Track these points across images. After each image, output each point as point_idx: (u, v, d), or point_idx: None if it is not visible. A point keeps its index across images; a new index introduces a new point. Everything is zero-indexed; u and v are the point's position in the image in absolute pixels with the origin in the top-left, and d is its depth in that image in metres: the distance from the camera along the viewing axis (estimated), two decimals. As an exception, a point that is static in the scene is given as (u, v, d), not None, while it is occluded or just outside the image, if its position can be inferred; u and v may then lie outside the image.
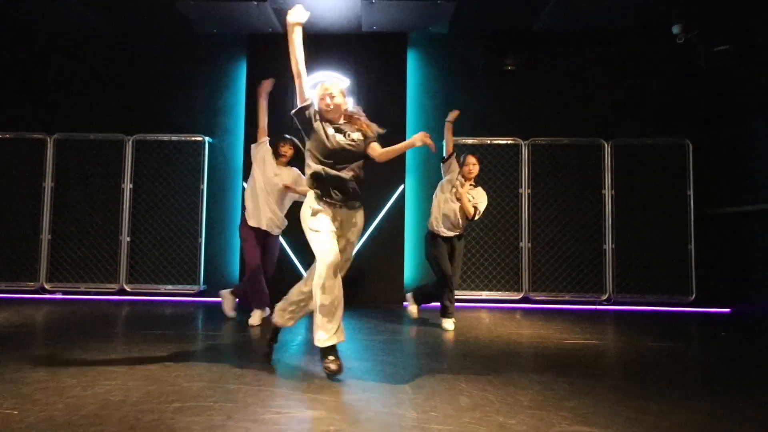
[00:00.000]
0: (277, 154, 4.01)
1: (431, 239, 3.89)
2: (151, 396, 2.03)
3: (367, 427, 1.75)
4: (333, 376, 2.35)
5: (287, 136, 4.08)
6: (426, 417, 1.85)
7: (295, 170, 4.03)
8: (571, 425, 1.79)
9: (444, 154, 4.03)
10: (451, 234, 3.85)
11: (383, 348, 3.09)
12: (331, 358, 2.38)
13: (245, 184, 5.31)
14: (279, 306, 2.68)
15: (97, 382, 2.21)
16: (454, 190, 3.83)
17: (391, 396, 2.11)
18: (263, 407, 1.93)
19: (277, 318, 2.67)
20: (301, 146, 3.89)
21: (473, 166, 3.91)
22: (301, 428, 1.72)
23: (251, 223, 3.94)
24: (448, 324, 3.80)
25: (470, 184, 3.91)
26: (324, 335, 2.39)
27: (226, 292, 4.24)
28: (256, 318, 3.91)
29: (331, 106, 2.60)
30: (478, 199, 3.88)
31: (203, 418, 1.80)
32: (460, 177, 3.89)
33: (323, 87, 2.66)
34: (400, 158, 5.34)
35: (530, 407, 1.98)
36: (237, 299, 4.29)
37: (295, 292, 2.63)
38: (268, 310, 3.95)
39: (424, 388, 2.24)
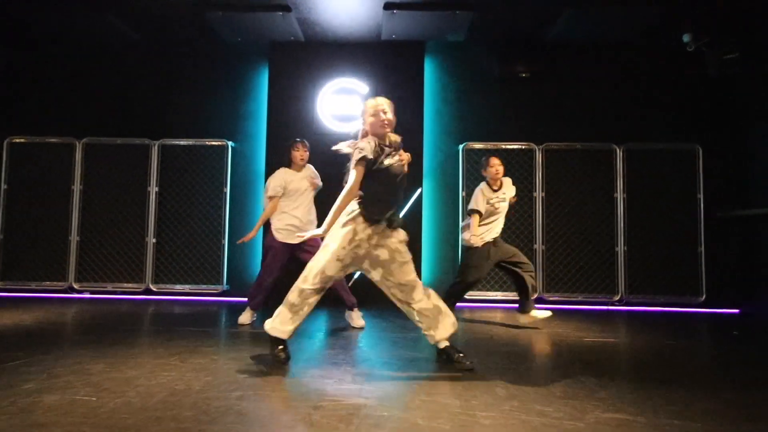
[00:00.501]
0: (292, 161, 4.02)
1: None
2: (211, 385, 2.20)
3: (418, 413, 1.91)
4: (281, 363, 2.57)
5: (297, 139, 4.10)
6: (469, 405, 2.01)
7: (309, 167, 4.09)
8: (603, 413, 1.95)
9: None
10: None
11: (412, 345, 3.25)
12: (281, 347, 2.61)
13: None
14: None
15: (157, 373, 2.38)
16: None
17: (431, 387, 2.27)
18: (317, 396, 2.09)
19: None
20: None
21: (499, 167, 3.99)
22: (359, 413, 1.88)
23: (279, 237, 3.93)
24: None
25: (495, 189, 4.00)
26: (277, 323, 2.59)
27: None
28: (246, 317, 3.99)
29: (386, 122, 2.61)
30: (510, 192, 4.07)
31: (266, 405, 1.96)
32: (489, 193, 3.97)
33: (376, 103, 2.66)
34: (417, 162, 5.51)
35: (563, 397, 2.14)
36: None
37: None
38: (255, 315, 4.05)
39: (460, 380, 2.39)
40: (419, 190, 5.56)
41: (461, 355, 2.62)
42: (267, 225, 4.11)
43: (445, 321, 2.65)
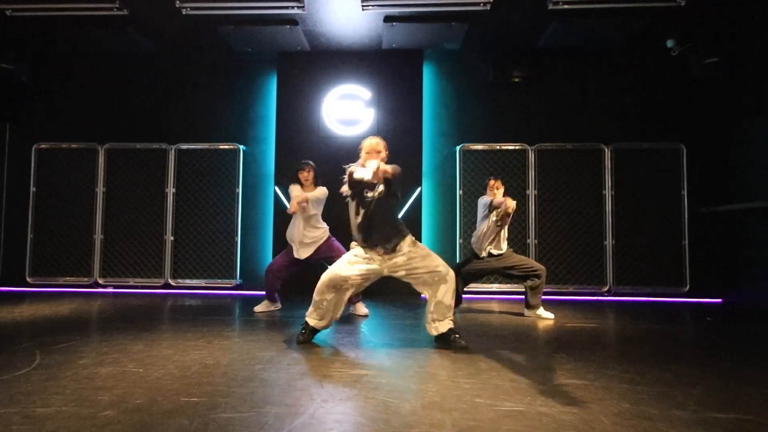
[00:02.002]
0: (300, 182, 4.32)
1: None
2: (236, 360, 2.59)
3: (410, 381, 2.29)
4: (299, 342, 3.04)
5: (304, 161, 4.42)
6: (454, 375, 2.39)
7: (321, 188, 4.30)
8: (567, 380, 2.32)
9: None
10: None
11: (410, 329, 3.63)
12: (304, 332, 3.08)
13: (276, 189, 5.91)
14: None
15: (189, 351, 2.78)
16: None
17: (424, 361, 2.65)
18: (327, 368, 2.48)
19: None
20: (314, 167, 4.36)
21: (497, 189, 4.29)
22: (361, 380, 2.27)
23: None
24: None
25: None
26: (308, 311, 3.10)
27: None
28: (261, 306, 4.49)
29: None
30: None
31: (284, 374, 2.35)
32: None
33: (368, 143, 3.06)
34: (417, 163, 5.88)
35: (536, 369, 2.51)
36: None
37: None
38: (276, 304, 4.53)
39: (449, 355, 2.77)
40: (418, 190, 5.92)
41: (457, 336, 2.99)
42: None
43: (450, 317, 3.02)
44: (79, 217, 6.09)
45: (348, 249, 3.23)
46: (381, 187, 2.95)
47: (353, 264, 3.01)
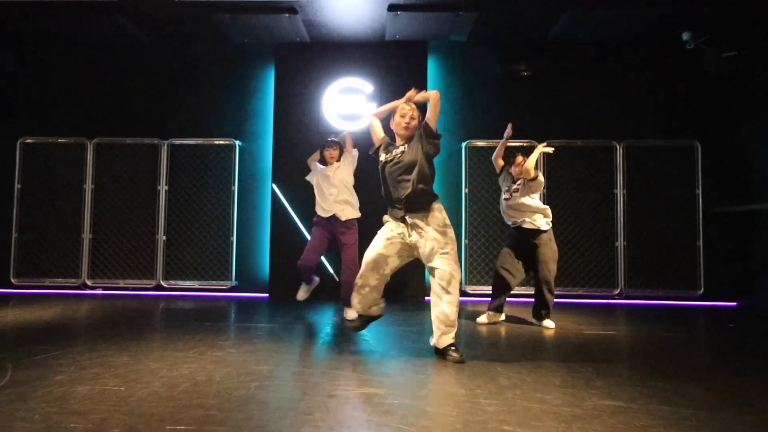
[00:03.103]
0: (324, 161, 4.38)
1: None
2: (231, 376, 2.33)
3: (426, 401, 2.04)
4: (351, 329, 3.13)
5: (330, 139, 4.43)
6: (473, 393, 2.14)
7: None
8: (600, 400, 2.08)
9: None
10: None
11: (416, 338, 3.38)
12: (354, 324, 3.06)
13: (274, 186, 5.65)
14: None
15: (179, 365, 2.52)
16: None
17: (438, 377, 2.40)
18: (331, 386, 2.23)
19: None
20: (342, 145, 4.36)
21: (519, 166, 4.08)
22: (371, 401, 2.02)
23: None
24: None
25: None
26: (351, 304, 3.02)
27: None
28: (302, 292, 4.50)
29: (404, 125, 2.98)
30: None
31: (283, 394, 2.10)
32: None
33: (402, 106, 3.07)
34: (422, 160, 5.62)
35: (562, 386, 2.27)
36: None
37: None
38: (313, 282, 4.50)
39: (465, 370, 2.53)
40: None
41: (452, 348, 2.74)
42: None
43: (452, 332, 2.78)
44: (66, 215, 5.80)
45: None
46: (398, 150, 2.87)
47: (386, 239, 2.84)
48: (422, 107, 3.08)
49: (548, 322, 3.91)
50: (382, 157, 2.93)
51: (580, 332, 3.68)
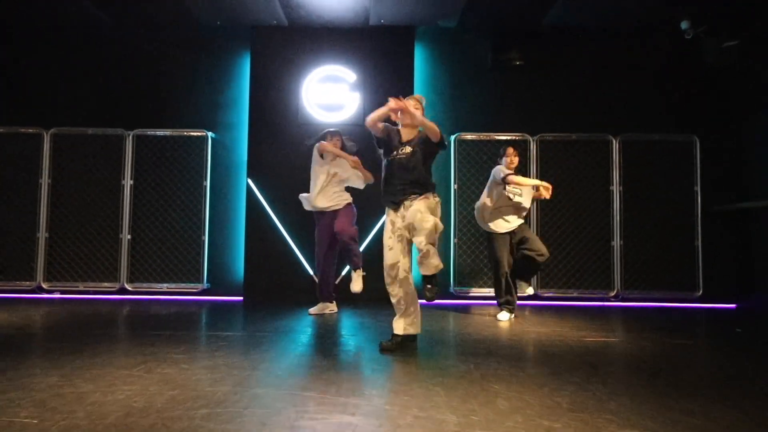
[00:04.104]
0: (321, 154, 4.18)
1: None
2: (176, 402, 1.94)
3: (410, 432, 1.68)
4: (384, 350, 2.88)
5: (331, 130, 4.25)
6: (467, 422, 1.78)
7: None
8: (619, 428, 1.73)
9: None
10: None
11: (402, 348, 3.02)
12: (391, 342, 2.93)
13: (249, 181, 5.24)
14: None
15: (116, 387, 2.11)
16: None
17: (425, 399, 2.04)
18: (297, 413, 1.85)
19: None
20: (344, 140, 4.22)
21: (514, 157, 4.06)
22: (341, 435, 1.64)
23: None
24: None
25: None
26: (395, 326, 2.95)
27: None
28: (316, 309, 4.30)
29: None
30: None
31: (236, 426, 1.71)
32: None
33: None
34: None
35: (572, 410, 1.92)
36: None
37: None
38: (332, 306, 4.37)
39: (456, 389, 2.17)
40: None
41: (429, 286, 2.80)
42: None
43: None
44: (20, 212, 5.31)
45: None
46: (405, 149, 2.90)
47: (391, 247, 2.88)
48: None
49: (503, 315, 4.06)
50: (389, 153, 2.96)
51: (581, 340, 3.35)
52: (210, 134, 5.40)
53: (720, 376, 2.59)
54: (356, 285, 3.95)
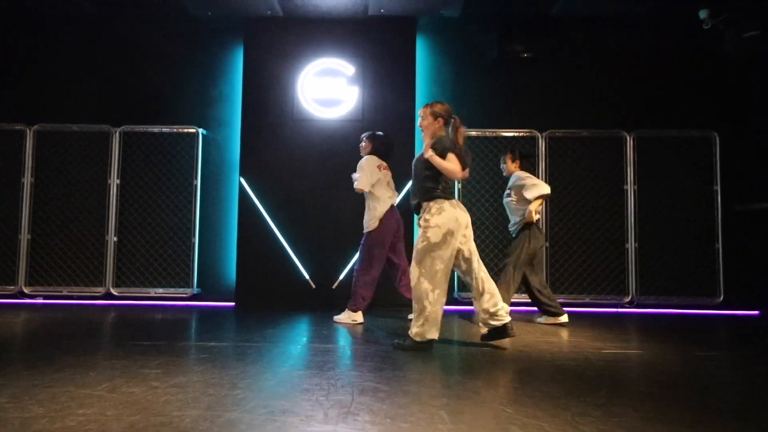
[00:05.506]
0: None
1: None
2: (134, 430, 1.65)
3: (408, 474, 1.38)
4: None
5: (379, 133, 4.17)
6: (477, 457, 1.49)
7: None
8: (661, 468, 1.43)
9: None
10: None
11: (401, 362, 2.72)
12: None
13: (242, 180, 4.97)
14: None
15: (69, 411, 1.82)
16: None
17: (426, 426, 1.74)
18: (274, 446, 1.55)
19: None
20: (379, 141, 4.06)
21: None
22: (325, 477, 1.35)
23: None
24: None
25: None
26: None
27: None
28: (344, 316, 4.02)
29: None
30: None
31: (199, 464, 1.42)
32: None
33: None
34: (408, 150, 4.96)
35: (600, 442, 1.62)
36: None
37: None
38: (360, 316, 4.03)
39: (463, 414, 1.87)
40: (410, 183, 5.02)
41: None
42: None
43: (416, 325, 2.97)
44: (1, 213, 5.06)
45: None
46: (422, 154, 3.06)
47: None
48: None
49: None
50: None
51: (599, 351, 3.05)
52: (201, 131, 5.14)
53: (761, 396, 2.28)
54: (343, 317, 3.97)
